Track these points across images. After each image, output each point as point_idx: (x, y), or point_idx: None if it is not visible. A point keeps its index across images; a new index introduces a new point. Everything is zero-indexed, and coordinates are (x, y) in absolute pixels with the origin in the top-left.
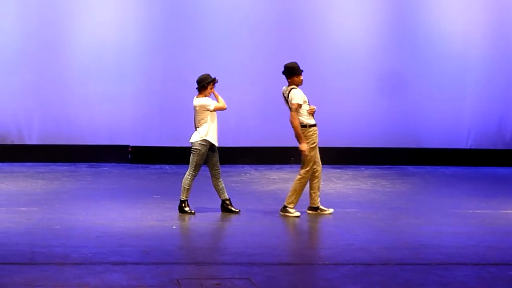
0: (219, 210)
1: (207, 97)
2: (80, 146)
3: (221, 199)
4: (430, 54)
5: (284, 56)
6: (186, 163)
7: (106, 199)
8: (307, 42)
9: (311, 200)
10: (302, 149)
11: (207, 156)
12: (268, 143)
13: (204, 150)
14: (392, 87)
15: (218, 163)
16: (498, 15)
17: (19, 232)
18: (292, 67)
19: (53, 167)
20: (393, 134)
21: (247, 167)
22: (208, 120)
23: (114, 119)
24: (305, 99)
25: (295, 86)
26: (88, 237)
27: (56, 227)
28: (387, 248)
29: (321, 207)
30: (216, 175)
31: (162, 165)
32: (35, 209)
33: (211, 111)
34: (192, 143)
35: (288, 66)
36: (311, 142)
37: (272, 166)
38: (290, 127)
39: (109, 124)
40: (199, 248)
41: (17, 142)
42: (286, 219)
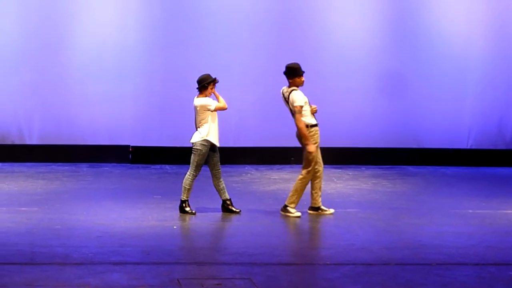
0: (220, 210)
1: (208, 97)
2: (81, 146)
3: (221, 199)
4: (430, 54)
5: (284, 56)
6: (187, 163)
7: (107, 199)
8: (307, 42)
9: (312, 200)
10: (310, 150)
11: (208, 156)
12: (269, 143)
13: (205, 150)
14: (392, 87)
15: (219, 163)
16: (498, 15)
17: (20, 232)
18: (294, 67)
19: (53, 167)
20: (393, 134)
21: (247, 167)
22: (209, 120)
23: (114, 119)
24: (305, 100)
25: (296, 88)
26: (89, 237)
27: (56, 227)
28: (388, 248)
29: (322, 207)
30: (216, 175)
31: (163, 165)
32: (36, 209)
33: (212, 111)
34: (193, 143)
35: (290, 66)
36: (313, 142)
37: (272, 166)
38: (290, 127)
39: (109, 124)
40: (199, 248)
41: (17, 142)
42: (287, 219)
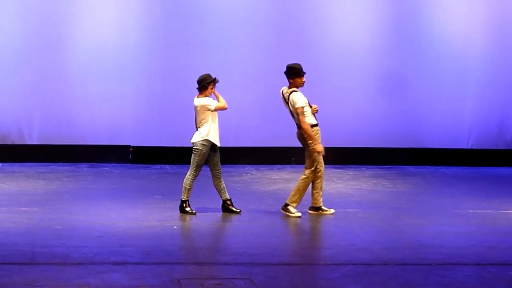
0: (220, 210)
1: (208, 97)
2: (81, 146)
3: (222, 199)
4: (430, 54)
5: (284, 56)
6: (187, 163)
7: (107, 199)
8: (307, 42)
9: (313, 200)
10: (318, 150)
11: (208, 156)
12: (269, 143)
13: (205, 150)
14: (392, 87)
15: (219, 163)
16: (499, 15)
17: (20, 232)
18: (296, 68)
19: (53, 167)
20: (393, 134)
21: (248, 167)
22: (209, 120)
23: (114, 119)
24: (306, 101)
25: (296, 89)
26: (89, 237)
27: (57, 227)
28: (388, 248)
29: (323, 208)
30: (217, 175)
31: (163, 165)
32: (36, 209)
33: (212, 111)
34: (193, 143)
35: (292, 66)
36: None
37: (273, 166)
38: (291, 127)
39: (109, 124)
40: (200, 248)
41: (17, 142)
42: (287, 219)
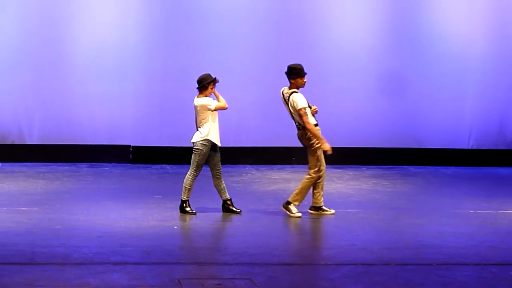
0: (220, 210)
1: (208, 97)
2: (81, 146)
3: (222, 199)
4: (431, 54)
5: (284, 56)
6: (187, 163)
7: (107, 199)
8: (307, 42)
9: (314, 199)
10: (325, 149)
11: (209, 156)
12: (269, 143)
13: (205, 150)
14: (392, 87)
15: (219, 163)
16: (499, 15)
17: (20, 232)
18: (297, 68)
19: (53, 167)
20: (394, 134)
21: (248, 167)
22: (210, 120)
23: (114, 119)
24: (306, 102)
25: (296, 90)
26: (89, 237)
27: (57, 227)
28: (389, 248)
29: (323, 208)
30: (217, 175)
31: (163, 165)
32: (36, 209)
33: (212, 111)
34: (193, 143)
35: (293, 67)
36: (315, 142)
37: (273, 166)
38: (291, 127)
39: (109, 124)
40: (200, 248)
41: (17, 142)
42: (287, 219)
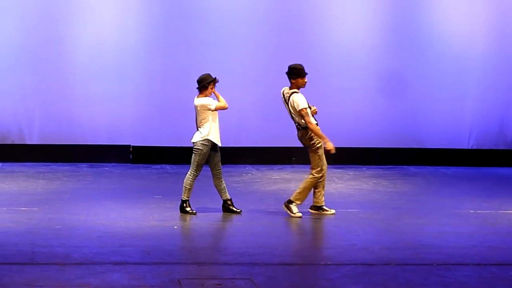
0: (221, 210)
1: (208, 97)
2: (81, 146)
3: (222, 199)
4: (431, 54)
5: (284, 56)
6: (187, 163)
7: (107, 199)
8: (307, 42)
9: (315, 198)
10: (328, 148)
11: (209, 156)
12: (270, 143)
13: (206, 150)
14: (393, 87)
15: (220, 163)
16: (500, 15)
17: (20, 232)
18: (298, 68)
19: (53, 167)
20: (394, 134)
21: (248, 167)
22: (210, 120)
23: (115, 119)
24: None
25: (297, 90)
26: (89, 237)
27: (57, 227)
28: (389, 248)
29: (324, 207)
30: (217, 175)
31: (163, 165)
32: (36, 209)
33: (212, 111)
34: (194, 142)
35: (294, 67)
36: (316, 142)
37: (273, 166)
38: (291, 127)
39: (110, 124)
40: (200, 248)
41: (17, 141)
42: (288, 219)
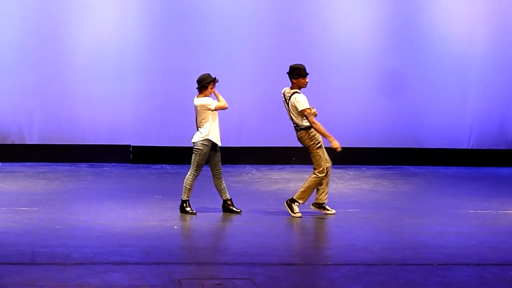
0: (221, 210)
1: (208, 96)
2: (81, 146)
3: (222, 199)
4: (431, 54)
5: (284, 56)
6: (188, 163)
7: (107, 199)
8: (308, 42)
9: (317, 195)
10: (334, 147)
11: (209, 156)
12: (270, 143)
13: (206, 150)
14: (393, 87)
15: (220, 163)
16: (500, 15)
17: (20, 232)
18: (299, 68)
19: (54, 167)
20: (394, 134)
21: (248, 167)
22: (210, 120)
23: (115, 119)
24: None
25: (298, 90)
26: (89, 237)
27: (57, 227)
28: (389, 248)
29: (325, 206)
30: (217, 175)
31: (163, 165)
32: (36, 209)
33: (212, 111)
34: (194, 142)
35: (295, 67)
36: (316, 142)
37: (273, 166)
38: (291, 127)
39: (110, 124)
40: (200, 248)
41: (17, 141)
42: (288, 219)
